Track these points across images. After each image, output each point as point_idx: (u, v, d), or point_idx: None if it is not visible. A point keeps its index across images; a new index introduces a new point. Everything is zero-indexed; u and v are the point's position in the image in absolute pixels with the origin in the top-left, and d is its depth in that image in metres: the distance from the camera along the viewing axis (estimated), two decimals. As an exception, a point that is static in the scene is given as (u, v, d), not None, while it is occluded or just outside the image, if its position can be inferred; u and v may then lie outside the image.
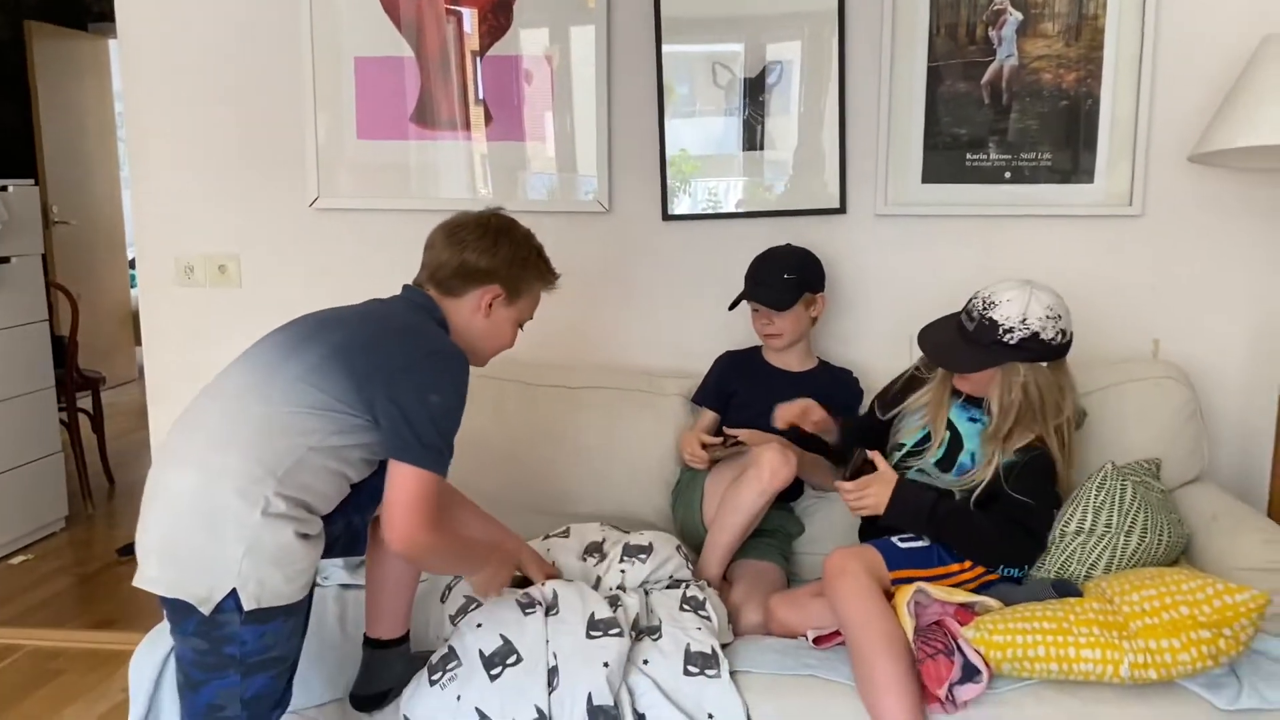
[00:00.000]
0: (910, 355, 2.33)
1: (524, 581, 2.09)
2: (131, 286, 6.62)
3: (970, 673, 1.82)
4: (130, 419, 5.40)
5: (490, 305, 1.87)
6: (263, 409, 1.64)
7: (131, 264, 6.60)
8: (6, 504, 3.73)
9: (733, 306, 2.47)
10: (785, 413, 2.25)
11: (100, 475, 4.53)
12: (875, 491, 2.04)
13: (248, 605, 1.58)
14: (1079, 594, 1.92)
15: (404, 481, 1.65)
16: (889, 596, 1.94)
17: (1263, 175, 2.48)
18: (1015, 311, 1.97)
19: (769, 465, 2.15)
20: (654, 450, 2.49)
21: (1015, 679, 1.84)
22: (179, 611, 1.62)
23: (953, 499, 2.06)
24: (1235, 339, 2.55)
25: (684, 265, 2.72)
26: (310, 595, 1.73)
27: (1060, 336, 2.00)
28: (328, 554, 1.77)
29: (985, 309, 2.00)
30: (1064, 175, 2.55)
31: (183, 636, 1.64)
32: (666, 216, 2.69)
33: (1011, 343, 1.97)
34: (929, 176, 2.60)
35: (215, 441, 1.63)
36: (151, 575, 1.62)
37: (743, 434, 2.30)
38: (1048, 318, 1.97)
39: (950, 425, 2.14)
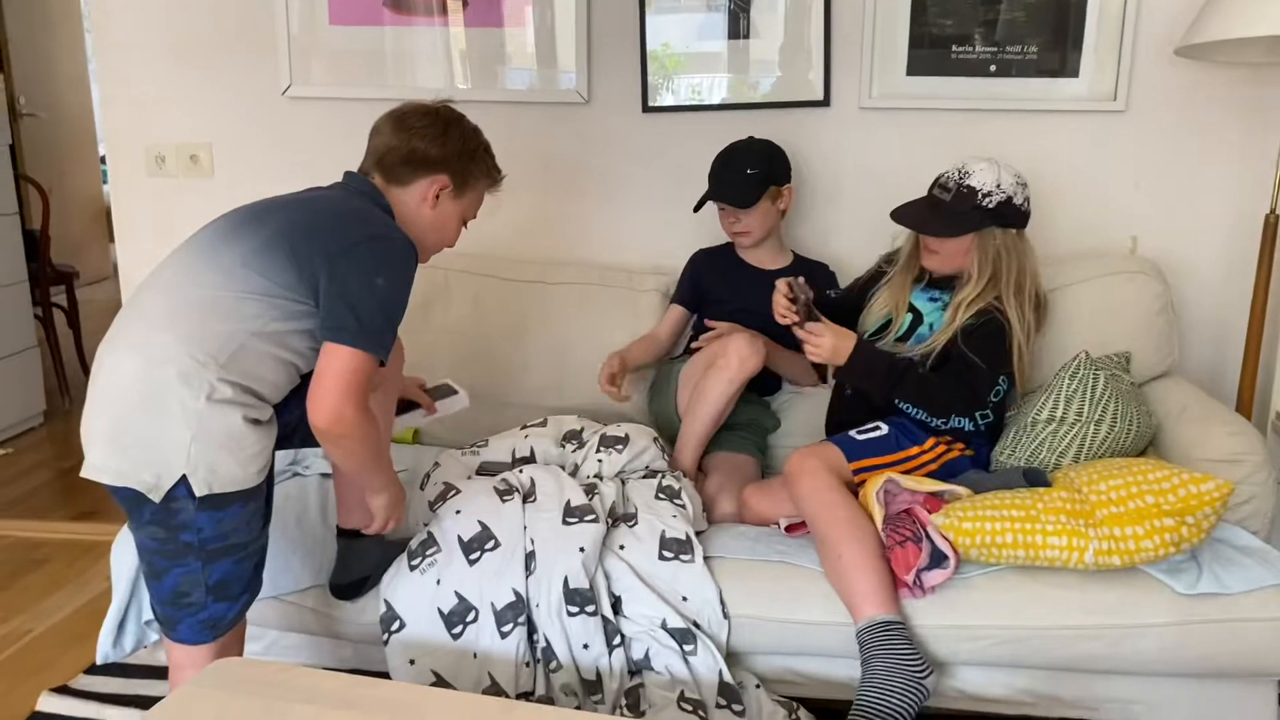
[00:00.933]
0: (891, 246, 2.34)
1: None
2: (104, 183, 6.51)
3: (938, 559, 1.86)
4: (106, 315, 5.30)
5: (437, 196, 1.81)
6: (200, 292, 1.60)
7: (104, 160, 6.46)
8: (-17, 398, 3.72)
9: (698, 208, 2.43)
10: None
11: (77, 371, 4.51)
12: (832, 341, 2.05)
13: (199, 491, 1.56)
14: (1048, 484, 1.96)
15: (338, 360, 1.59)
16: (853, 490, 1.98)
17: (1248, 70, 2.46)
18: (990, 179, 2.09)
19: (737, 354, 2.16)
20: (633, 346, 2.50)
21: (982, 565, 1.89)
22: (130, 501, 1.61)
23: (908, 360, 2.11)
24: (1213, 236, 2.56)
25: (664, 158, 2.69)
26: (270, 481, 1.71)
27: (1026, 204, 2.13)
28: (286, 444, 1.76)
29: (961, 178, 2.11)
30: (1050, 70, 2.52)
31: (139, 526, 1.63)
32: (647, 108, 2.65)
33: (990, 206, 2.09)
34: (914, 69, 2.56)
35: (154, 326, 1.59)
36: (97, 464, 1.60)
37: (721, 326, 2.31)
38: (1018, 184, 2.11)
39: (911, 308, 2.20)
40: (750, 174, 2.36)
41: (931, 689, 1.79)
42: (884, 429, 2.09)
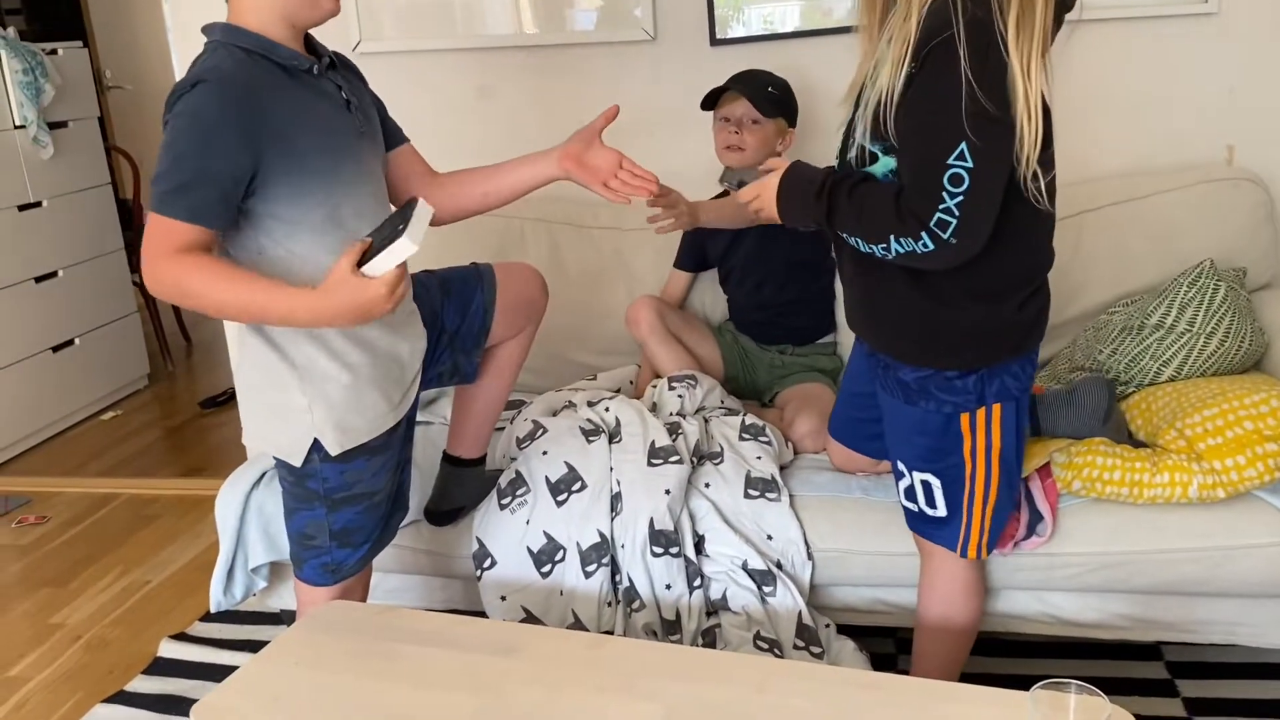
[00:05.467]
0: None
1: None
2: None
3: (1034, 523, 1.81)
4: (201, 280, 5.52)
5: None
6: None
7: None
8: (91, 363, 3.88)
9: (709, 105, 2.33)
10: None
11: (177, 334, 4.67)
12: (768, 187, 1.61)
13: (333, 451, 1.59)
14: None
15: (146, 228, 1.48)
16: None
17: (1354, -38, 2.32)
18: None
19: (629, 311, 2.31)
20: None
21: (1082, 498, 1.84)
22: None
23: (853, 171, 1.53)
24: (1316, 143, 2.43)
25: (735, 93, 2.64)
26: (397, 429, 1.71)
27: None
28: (436, 383, 1.80)
29: None
30: (1136, -26, 2.40)
31: (277, 466, 1.71)
32: (715, 41, 2.61)
33: None
34: (991, -16, 2.46)
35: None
36: (250, 433, 1.69)
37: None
38: None
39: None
40: (772, 92, 2.30)
41: None
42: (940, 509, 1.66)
